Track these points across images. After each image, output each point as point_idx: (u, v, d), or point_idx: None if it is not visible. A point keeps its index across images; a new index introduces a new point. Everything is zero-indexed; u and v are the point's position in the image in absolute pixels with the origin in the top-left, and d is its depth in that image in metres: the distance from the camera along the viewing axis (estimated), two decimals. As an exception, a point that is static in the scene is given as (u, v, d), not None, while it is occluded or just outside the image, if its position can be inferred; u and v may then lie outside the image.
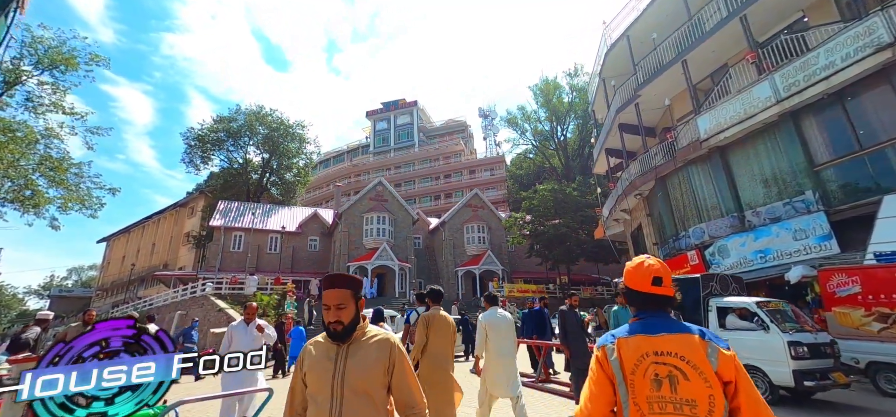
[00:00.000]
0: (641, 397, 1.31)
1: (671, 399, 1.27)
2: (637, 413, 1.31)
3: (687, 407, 1.25)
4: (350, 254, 28.02)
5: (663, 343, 1.36)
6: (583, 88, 44.83)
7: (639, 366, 1.36)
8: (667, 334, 1.38)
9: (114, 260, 51.71)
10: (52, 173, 14.12)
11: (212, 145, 36.31)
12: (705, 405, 1.24)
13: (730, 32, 12.50)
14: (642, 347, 1.38)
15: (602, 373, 1.43)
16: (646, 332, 1.42)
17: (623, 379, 1.37)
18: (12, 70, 12.86)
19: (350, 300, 1.61)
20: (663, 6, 14.83)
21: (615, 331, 1.51)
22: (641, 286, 1.52)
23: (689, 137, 12.96)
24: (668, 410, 1.27)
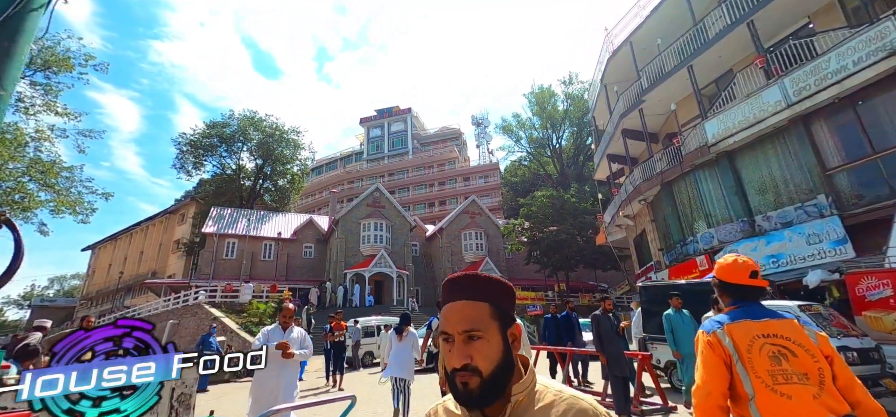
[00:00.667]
0: (762, 371, 1.52)
1: (792, 372, 1.49)
2: (761, 384, 1.50)
3: (804, 378, 1.48)
4: (347, 261, 27.57)
5: (770, 327, 1.60)
6: (577, 96, 45.16)
7: (753, 346, 1.57)
8: (770, 319, 1.63)
9: (99, 268, 50.32)
10: (42, 176, 13.56)
11: (204, 151, 35.63)
12: (816, 376, 1.48)
13: (736, 38, 12.56)
14: (752, 330, 1.60)
15: (715, 355, 1.63)
16: (750, 318, 1.64)
17: (739, 358, 1.58)
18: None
19: (490, 324, 0.81)
20: (667, 13, 14.89)
21: (717, 318, 1.73)
22: (739, 279, 1.75)
23: (696, 141, 12.94)
24: (793, 380, 1.47)
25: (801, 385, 1.46)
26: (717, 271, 1.86)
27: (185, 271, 35.62)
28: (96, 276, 50.08)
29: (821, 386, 1.46)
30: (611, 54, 17.77)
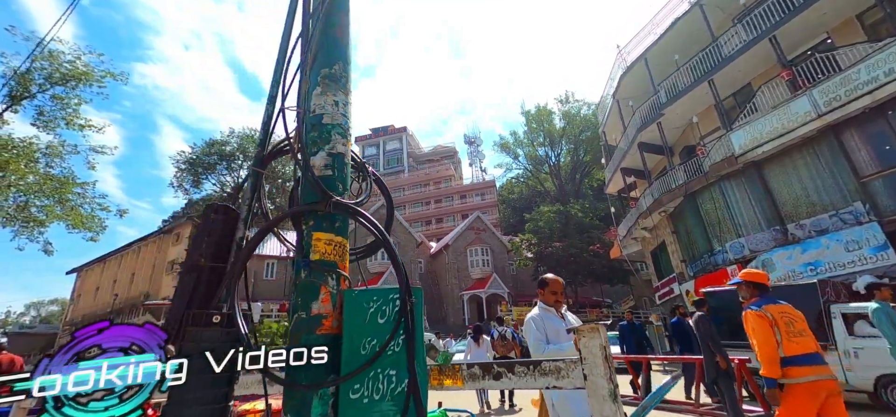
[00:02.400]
0: (783, 330, 2.82)
1: (796, 330, 2.83)
2: (784, 336, 2.79)
3: (802, 332, 2.83)
4: (354, 279, 27.05)
5: (783, 307, 2.94)
6: (574, 114, 46.04)
7: (779, 319, 2.86)
8: (782, 304, 2.97)
9: (86, 292, 48.42)
10: (58, 190, 13.00)
11: (204, 169, 34.98)
12: (806, 331, 2.85)
13: (756, 53, 12.97)
14: (775, 309, 2.91)
15: (766, 322, 2.85)
16: (772, 303, 2.96)
17: (775, 322, 2.84)
18: (22, 85, 11.97)
19: None
20: (685, 29, 15.35)
21: (755, 303, 3.00)
22: (765, 281, 3.14)
23: (722, 152, 13.16)
24: (797, 334, 2.82)
25: (801, 336, 2.80)
26: (748, 276, 3.20)
27: (181, 292, 34.41)
28: (83, 300, 48.14)
29: (807, 335, 2.83)
30: (624, 70, 18.17)
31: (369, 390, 0.97)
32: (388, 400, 0.97)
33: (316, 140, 1.36)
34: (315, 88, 1.38)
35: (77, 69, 13.14)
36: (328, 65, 1.41)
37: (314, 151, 1.34)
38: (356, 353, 1.00)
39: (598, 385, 1.18)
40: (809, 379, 2.64)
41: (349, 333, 1.02)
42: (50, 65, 13.23)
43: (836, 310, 5.89)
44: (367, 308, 1.07)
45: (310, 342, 1.01)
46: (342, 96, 1.40)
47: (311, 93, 1.39)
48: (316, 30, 1.39)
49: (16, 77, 11.51)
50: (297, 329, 1.03)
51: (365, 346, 1.01)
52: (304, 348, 0.90)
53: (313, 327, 1.04)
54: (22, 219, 12.80)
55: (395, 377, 1.00)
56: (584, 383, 1.19)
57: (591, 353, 1.21)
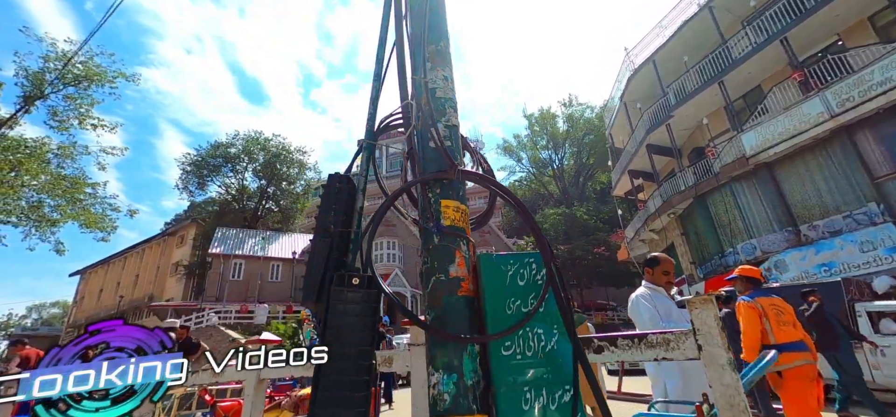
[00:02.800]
0: (773, 319, 3.18)
1: (784, 320, 3.20)
2: (777, 327, 3.15)
3: (790, 323, 3.20)
4: (359, 281, 27.06)
5: (772, 300, 3.34)
6: (577, 117, 46.12)
7: (769, 310, 3.23)
8: (772, 296, 3.39)
9: (89, 294, 48.42)
10: (71, 190, 13.06)
11: (209, 171, 35.08)
12: (793, 321, 3.24)
13: (766, 55, 13.03)
14: (766, 301, 3.29)
15: (755, 312, 3.24)
16: (763, 295, 3.37)
17: (765, 313, 3.23)
18: (35, 85, 12.06)
19: None
20: (694, 31, 15.41)
21: (748, 295, 3.45)
22: (758, 275, 3.61)
23: (733, 154, 13.19)
24: (785, 323, 3.20)
25: (789, 326, 3.15)
26: (743, 271, 3.70)
27: (185, 293, 34.49)
28: (86, 302, 48.15)
29: (795, 326, 3.17)
30: (632, 72, 18.22)
31: (521, 347, 0.99)
32: (541, 357, 0.99)
33: (432, 113, 1.39)
34: (425, 63, 1.41)
35: (90, 70, 13.23)
36: (435, 41, 1.43)
37: (431, 123, 1.36)
38: (501, 313, 1.03)
39: (715, 355, 1.19)
40: (799, 364, 2.99)
41: (491, 294, 1.04)
42: (63, 66, 13.31)
43: (861, 308, 5.89)
44: (505, 272, 1.09)
45: (451, 303, 1.03)
46: (449, 72, 1.42)
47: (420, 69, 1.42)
48: (425, 7, 1.42)
49: (30, 77, 11.58)
50: (437, 291, 1.05)
51: (509, 306, 1.04)
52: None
53: (453, 289, 1.06)
54: (35, 218, 12.86)
55: (544, 335, 1.02)
56: (698, 354, 1.20)
57: (704, 323, 1.22)
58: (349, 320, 0.99)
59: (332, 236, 1.13)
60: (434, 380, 0.95)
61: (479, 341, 0.97)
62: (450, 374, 0.93)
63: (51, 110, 12.92)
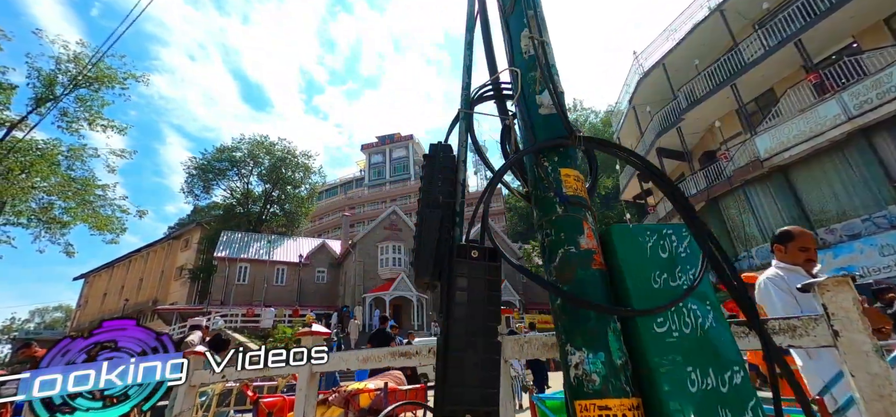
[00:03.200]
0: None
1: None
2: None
3: None
4: (365, 285, 26.94)
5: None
6: (582, 122, 46.15)
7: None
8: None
9: (93, 298, 48.41)
10: (82, 191, 13.04)
11: (214, 175, 35.12)
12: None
13: (779, 57, 12.96)
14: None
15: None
16: None
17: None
18: (47, 87, 12.10)
19: None
20: (704, 34, 15.36)
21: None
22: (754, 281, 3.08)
23: (746, 157, 13.09)
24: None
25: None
26: (747, 279, 3.23)
27: (189, 297, 34.41)
28: (89, 305, 48.12)
29: None
30: (642, 76, 18.17)
31: (676, 324, 0.90)
32: (700, 335, 0.89)
33: (537, 79, 1.30)
34: (522, 29, 1.32)
35: (101, 72, 13.27)
36: (532, 7, 1.35)
37: (539, 89, 1.28)
38: (647, 287, 0.93)
39: (855, 341, 1.09)
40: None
41: (633, 267, 0.95)
42: (74, 67, 13.36)
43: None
44: (644, 243, 1.00)
45: (586, 277, 0.94)
46: (547, 38, 1.34)
47: (518, 35, 1.33)
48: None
49: (42, 79, 11.59)
50: (567, 265, 0.96)
51: (655, 280, 0.95)
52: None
53: (586, 262, 0.96)
54: (46, 220, 12.84)
55: (699, 312, 0.93)
56: (834, 341, 1.10)
57: (840, 307, 1.12)
58: (475, 294, 0.90)
59: (440, 207, 1.04)
60: (576, 359, 0.85)
61: (636, 315, 0.87)
62: (596, 352, 0.83)
63: (61, 112, 12.96)
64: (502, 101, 1.42)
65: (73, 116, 13.14)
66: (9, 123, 12.08)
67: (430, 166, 1.11)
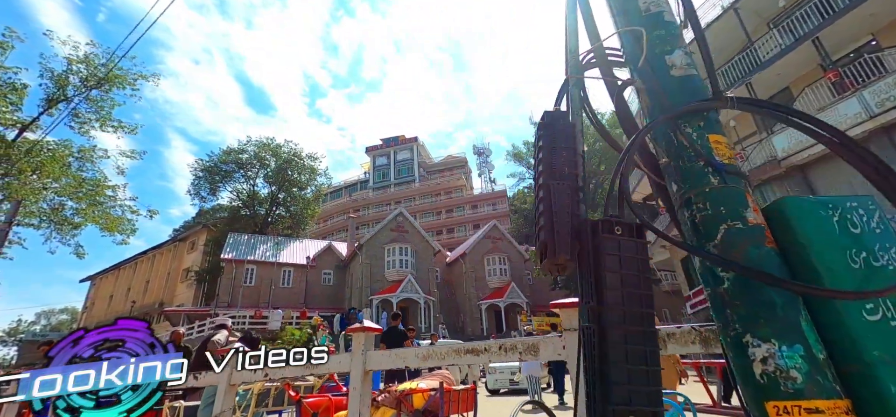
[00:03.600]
0: None
1: None
2: None
3: None
4: (372, 287, 26.81)
5: None
6: (588, 124, 45.81)
7: None
8: None
9: (100, 300, 48.58)
10: (93, 192, 13.01)
11: (220, 177, 35.15)
12: None
13: (796, 55, 12.78)
14: None
15: None
16: None
17: None
18: (59, 87, 12.09)
19: None
20: (717, 33, 15.18)
21: None
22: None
23: (763, 156, 12.90)
24: None
25: None
26: None
27: (195, 299, 34.43)
28: (96, 307, 48.27)
29: None
30: (653, 76, 17.99)
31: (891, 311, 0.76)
32: None
33: (665, 38, 1.18)
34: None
35: (112, 73, 13.26)
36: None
37: (667, 49, 1.16)
38: (843, 267, 0.80)
39: None
40: None
41: (820, 245, 0.81)
42: (86, 69, 13.35)
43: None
44: (826, 217, 0.86)
45: (761, 256, 0.81)
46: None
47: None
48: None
49: (55, 79, 11.58)
50: (735, 242, 0.83)
51: (853, 259, 0.81)
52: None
53: (758, 239, 0.83)
54: (57, 221, 12.80)
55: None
56: None
57: None
58: (628, 276, 0.77)
59: (567, 178, 0.92)
60: (762, 352, 0.71)
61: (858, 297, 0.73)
62: (791, 345, 0.70)
63: (73, 113, 12.94)
64: (610, 67, 1.29)
65: (85, 117, 13.15)
66: (21, 125, 12.08)
67: (550, 133, 0.98)
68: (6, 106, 11.12)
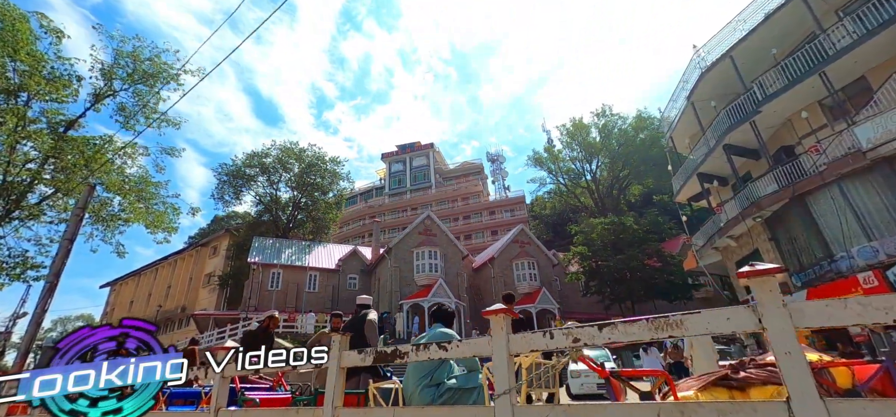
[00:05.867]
0: None
1: None
2: None
3: None
4: (402, 291, 26.20)
5: None
6: (610, 128, 45.17)
7: None
8: None
9: (119, 305, 48.64)
10: (140, 189, 12.67)
11: (244, 181, 35.00)
12: None
13: (875, 43, 12.05)
14: None
15: None
16: None
17: None
18: (106, 83, 11.82)
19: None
20: (780, 23, 14.52)
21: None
22: None
23: (842, 148, 12.12)
24: None
25: None
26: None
27: (218, 304, 34.13)
28: (115, 314, 48.29)
29: None
30: (704, 70, 17.30)
31: None
32: None
33: None
34: None
35: (158, 66, 12.96)
36: None
37: None
38: None
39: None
40: None
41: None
42: (133, 63, 13.06)
43: None
44: None
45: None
46: None
47: None
48: None
49: (105, 72, 11.25)
50: None
51: None
52: None
53: None
54: (104, 217, 12.44)
55: None
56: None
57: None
58: None
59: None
60: None
61: None
62: None
63: (119, 107, 12.65)
64: None
65: (131, 111, 12.82)
66: (68, 120, 11.77)
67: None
68: (64, 97, 10.85)
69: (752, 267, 1.66)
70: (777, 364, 1.55)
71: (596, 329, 1.94)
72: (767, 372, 2.10)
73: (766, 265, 1.65)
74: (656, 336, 1.81)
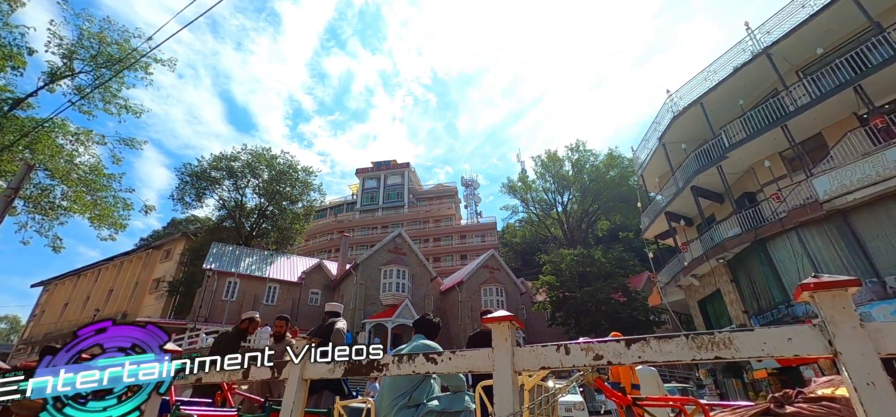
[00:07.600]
0: None
1: None
2: None
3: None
4: (366, 310, 25.26)
5: None
6: (583, 163, 46.56)
7: None
8: None
9: (51, 308, 44.32)
10: (91, 178, 11.46)
11: (208, 183, 33.24)
12: None
13: (831, 103, 12.93)
14: None
15: None
16: None
17: None
18: (65, 62, 10.80)
19: None
20: (747, 76, 15.44)
21: None
22: None
23: (801, 198, 12.76)
24: None
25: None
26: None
27: (165, 312, 31.73)
28: (46, 316, 43.94)
29: None
30: (676, 114, 18.09)
31: None
32: None
33: None
34: None
35: (125, 50, 12.07)
36: None
37: None
38: None
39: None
40: None
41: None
42: (98, 44, 12.13)
43: None
44: None
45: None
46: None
47: None
48: None
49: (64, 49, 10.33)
50: None
51: None
52: None
53: None
54: (44, 205, 11.17)
55: None
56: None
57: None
58: None
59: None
60: None
61: None
62: None
63: (77, 88, 11.52)
64: None
65: (90, 94, 11.71)
66: (16, 98, 10.58)
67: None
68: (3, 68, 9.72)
69: (816, 278, 1.41)
70: (853, 398, 1.29)
71: (623, 346, 1.63)
72: (824, 408, 1.86)
73: (837, 276, 1.40)
74: (697, 356, 1.51)
